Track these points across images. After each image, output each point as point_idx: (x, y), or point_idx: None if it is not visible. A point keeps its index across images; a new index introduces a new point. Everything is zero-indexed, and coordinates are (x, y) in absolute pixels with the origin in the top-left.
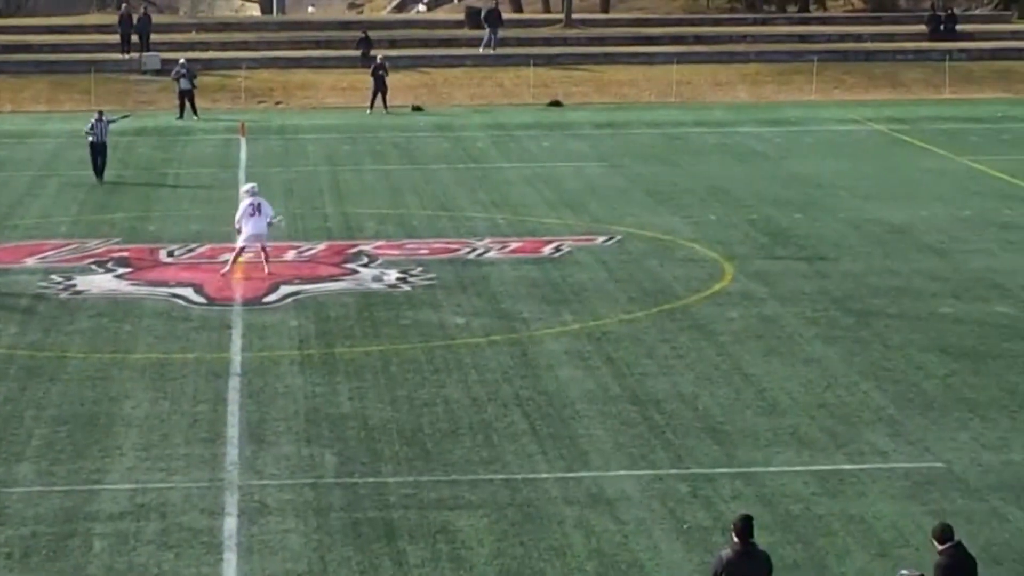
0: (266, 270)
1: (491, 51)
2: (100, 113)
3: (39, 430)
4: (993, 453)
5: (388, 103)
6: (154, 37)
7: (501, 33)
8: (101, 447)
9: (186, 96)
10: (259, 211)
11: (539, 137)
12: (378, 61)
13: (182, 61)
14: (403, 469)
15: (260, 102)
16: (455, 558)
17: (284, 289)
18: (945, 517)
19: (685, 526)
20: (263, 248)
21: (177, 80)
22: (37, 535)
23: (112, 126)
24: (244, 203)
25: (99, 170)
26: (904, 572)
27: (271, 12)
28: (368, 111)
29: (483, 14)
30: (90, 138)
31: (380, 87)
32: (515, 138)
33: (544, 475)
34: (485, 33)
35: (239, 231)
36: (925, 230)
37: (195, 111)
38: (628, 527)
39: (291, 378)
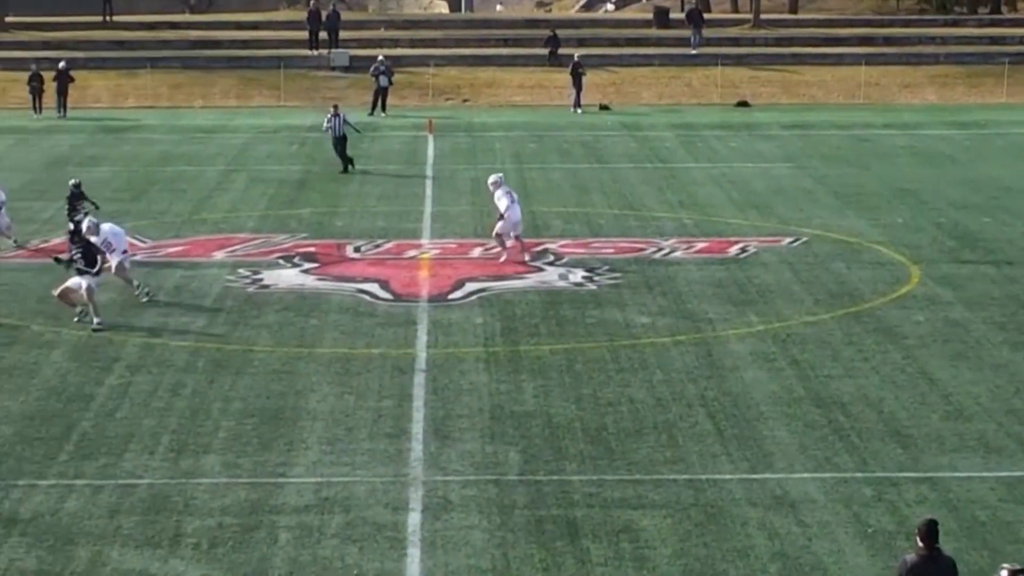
0: (503, 258)
1: (697, 50)
2: (335, 107)
3: (226, 423)
4: None
5: (579, 102)
6: (343, 34)
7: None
8: (287, 440)
9: (381, 93)
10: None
11: (726, 137)
12: (576, 59)
13: (380, 58)
14: (587, 467)
15: (447, 99)
16: (638, 557)
17: (469, 286)
18: None
19: (869, 530)
20: (518, 237)
21: (376, 77)
22: (223, 526)
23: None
24: (501, 191)
25: (345, 161)
26: (1006, 566)
27: (459, 10)
28: (576, 110)
29: (686, 14)
30: (328, 132)
31: (578, 85)
32: (702, 138)
33: (728, 476)
34: (690, 32)
35: (503, 218)
36: None
37: (384, 108)
38: (812, 530)
39: (476, 375)
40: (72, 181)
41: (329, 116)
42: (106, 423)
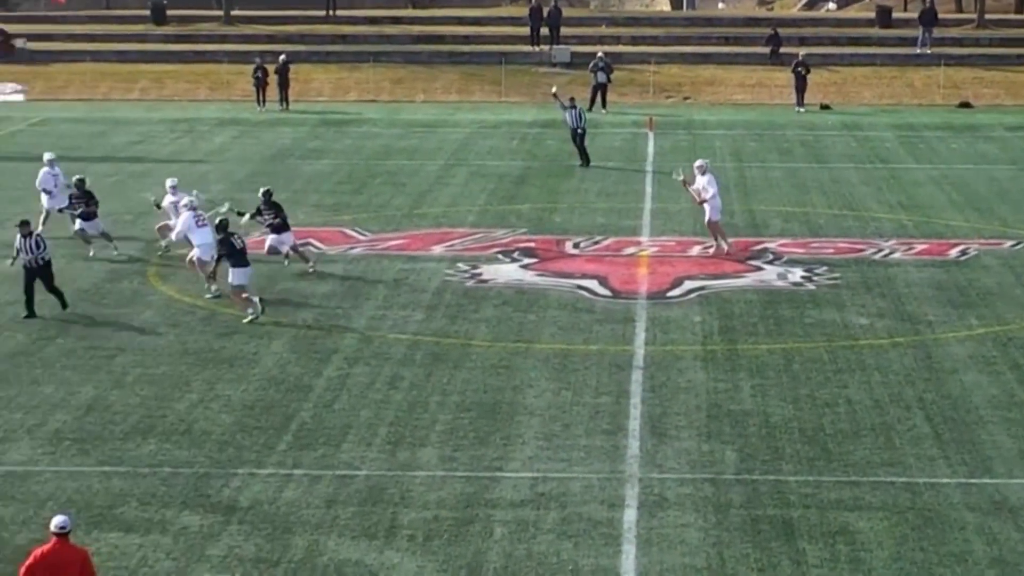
0: (724, 248)
1: (927, 51)
2: (572, 99)
3: (443, 416)
4: None
5: (802, 101)
6: (563, 30)
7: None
8: (503, 435)
9: (600, 89)
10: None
11: (947, 139)
12: (799, 58)
13: (600, 55)
14: (803, 468)
15: (668, 97)
16: (854, 560)
17: (688, 284)
18: None
19: None
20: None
21: (594, 73)
22: (439, 519)
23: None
24: (708, 177)
25: (583, 155)
26: None
27: (681, 7)
28: (799, 109)
29: (919, 14)
30: (571, 126)
31: (800, 84)
32: (923, 139)
33: (945, 480)
34: (919, 32)
35: (704, 202)
36: None
37: (604, 104)
38: None
39: (693, 373)
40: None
41: (562, 108)
42: (324, 414)
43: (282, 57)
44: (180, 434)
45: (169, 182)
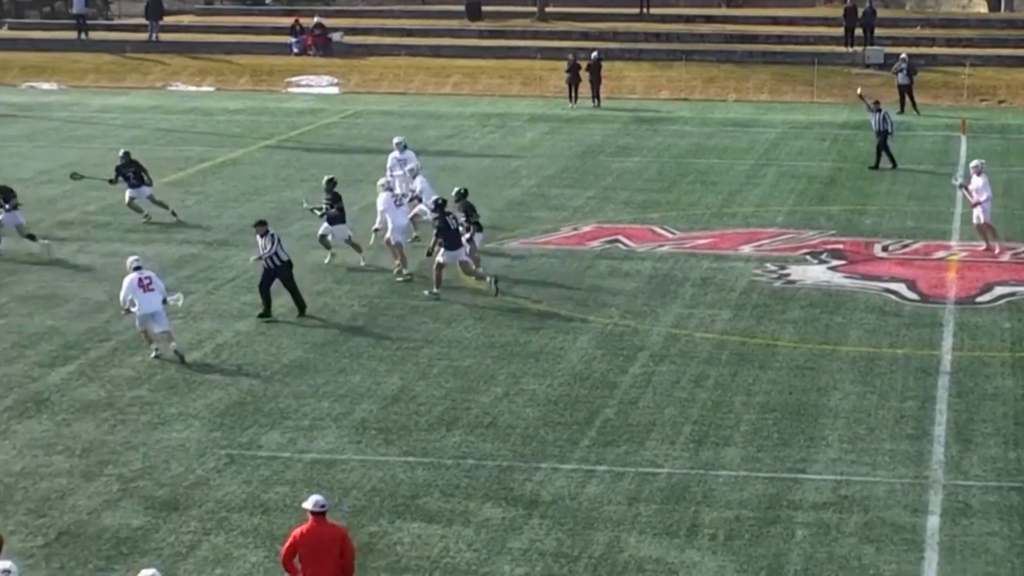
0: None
1: None
2: (876, 103)
3: (747, 416)
4: None
5: None
6: (877, 31)
7: None
8: (807, 436)
9: (904, 91)
10: None
11: None
12: None
13: (903, 56)
14: None
15: (982, 100)
16: None
17: (998, 290)
18: None
19: None
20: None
21: (896, 74)
22: (740, 519)
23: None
24: (985, 178)
25: (890, 157)
26: None
27: (998, 9)
28: None
29: None
30: (874, 128)
31: None
32: None
33: None
34: None
35: (978, 204)
36: None
37: (915, 106)
38: None
39: (1001, 380)
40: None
41: (867, 109)
42: (629, 411)
43: (594, 54)
44: (484, 427)
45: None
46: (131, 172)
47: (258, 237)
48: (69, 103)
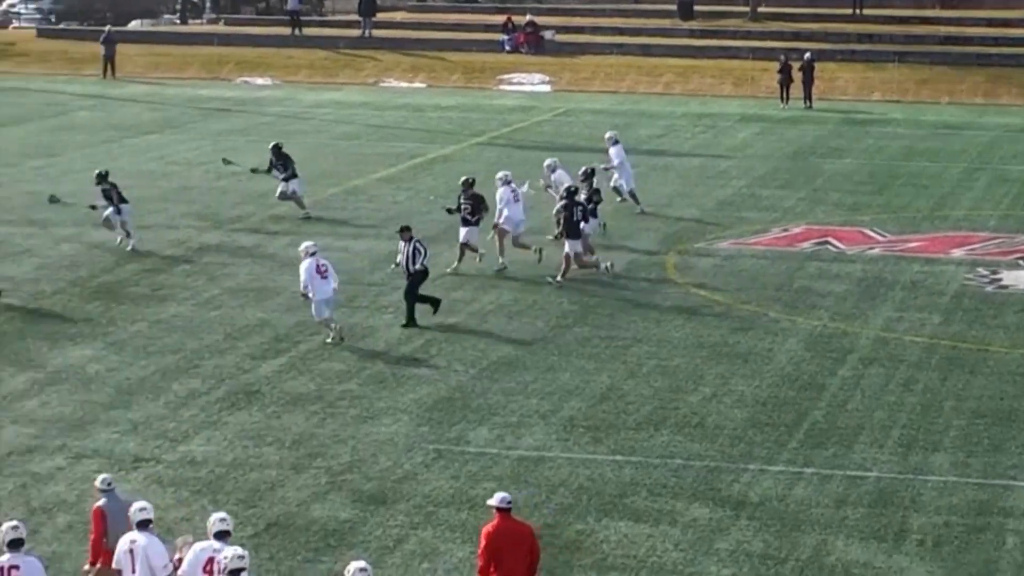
0: None
1: None
2: None
3: (957, 421)
4: None
5: None
6: None
7: None
8: (1019, 443)
9: None
10: None
11: None
12: None
13: None
14: None
15: None
16: None
17: None
18: None
19: None
20: None
21: None
22: (949, 525)
23: None
24: None
25: None
26: None
27: None
28: None
29: None
30: None
31: None
32: None
33: None
34: None
35: None
36: None
37: None
38: None
39: None
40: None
41: None
42: (837, 414)
43: (807, 55)
44: (692, 427)
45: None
46: (280, 164)
47: (401, 243)
48: (282, 98)
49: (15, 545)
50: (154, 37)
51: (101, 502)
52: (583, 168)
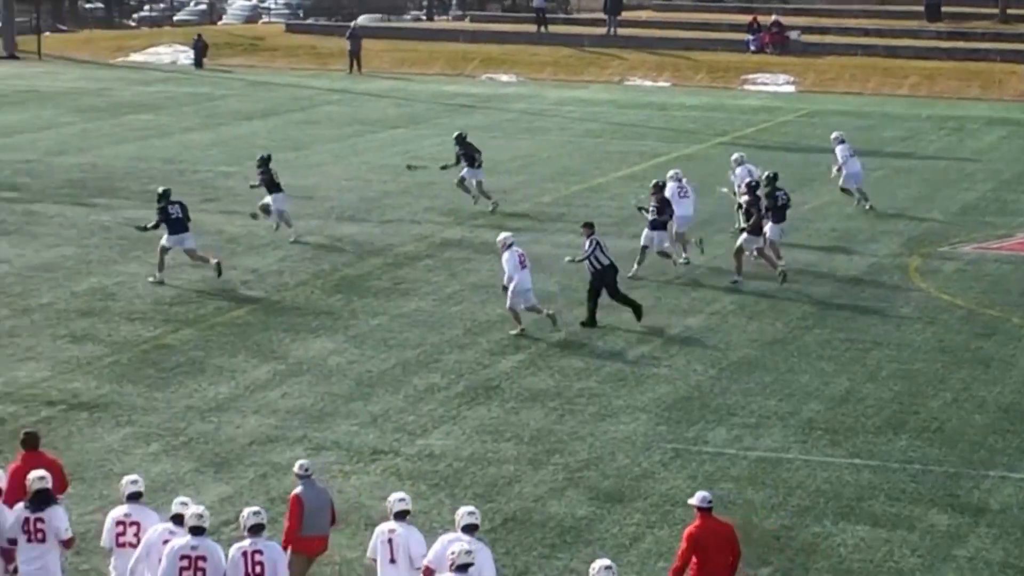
0: None
1: None
2: None
3: None
4: None
5: None
6: None
7: None
8: None
9: None
10: None
11: None
12: None
13: None
14: None
15: None
16: None
17: None
18: None
19: None
20: None
21: None
22: None
23: None
24: None
25: None
26: None
27: None
28: None
29: None
30: None
31: None
32: None
33: None
34: None
35: None
36: None
37: None
38: None
39: None
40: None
41: None
42: None
43: None
44: (932, 432)
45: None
46: (464, 154)
47: (584, 239)
48: (526, 95)
49: (256, 530)
50: (400, 33)
51: (298, 489)
52: (765, 173)
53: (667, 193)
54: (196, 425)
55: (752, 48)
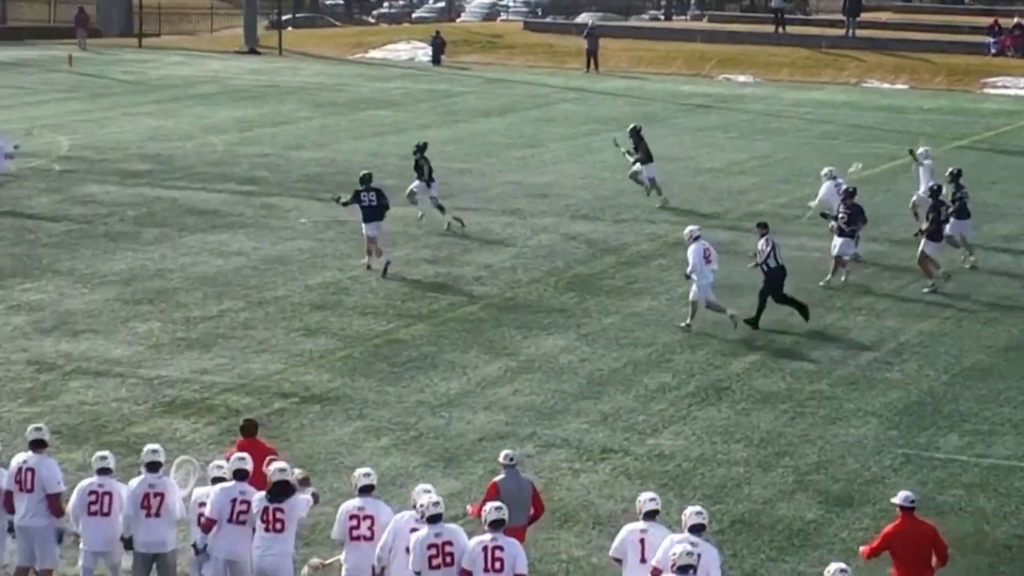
0: None
1: None
2: None
3: None
4: None
5: None
6: None
7: None
8: None
9: None
10: None
11: None
12: None
13: None
14: None
15: None
16: None
17: None
18: None
19: None
20: None
21: None
22: None
23: None
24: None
25: None
26: None
27: None
28: None
29: None
30: None
31: None
32: None
33: None
34: None
35: None
36: None
37: None
38: None
39: None
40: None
41: None
42: None
43: None
44: None
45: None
46: (636, 147)
47: (759, 240)
48: (763, 96)
49: (497, 526)
50: (637, 32)
51: (499, 477)
52: (950, 169)
53: (822, 191)
54: (427, 420)
55: (993, 51)
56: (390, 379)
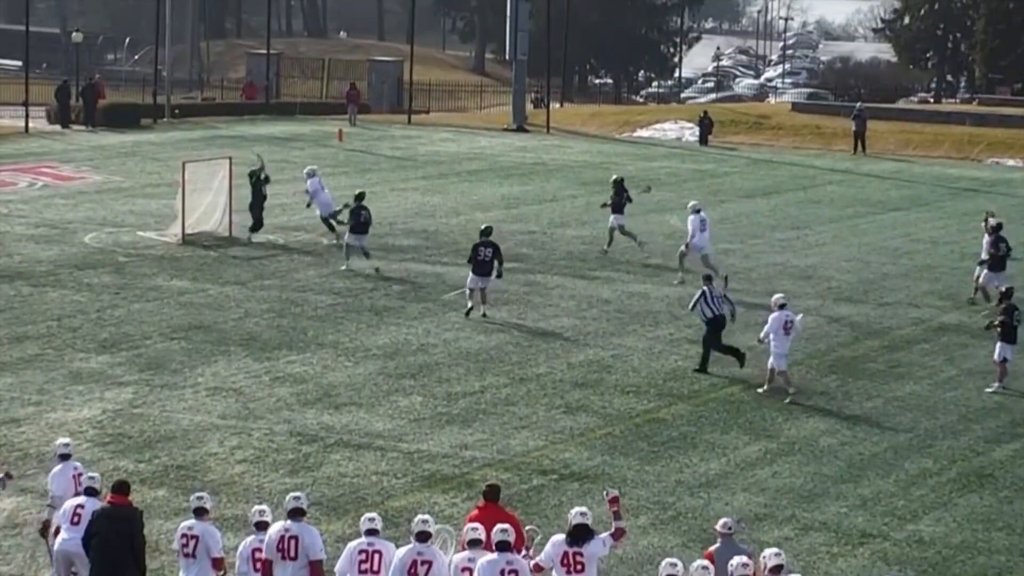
0: None
1: None
2: None
3: None
4: None
5: None
6: None
7: None
8: None
9: None
10: None
11: None
12: None
13: None
14: None
15: None
16: None
17: None
18: None
19: None
20: None
21: None
22: None
23: None
24: None
25: None
26: None
27: None
28: None
29: None
30: None
31: None
32: None
33: None
34: None
35: None
36: None
37: None
38: None
39: None
40: None
41: None
42: None
43: None
44: None
45: None
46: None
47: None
48: None
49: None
50: (906, 115)
51: (715, 546)
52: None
53: (688, 226)
54: (685, 500)
55: None
56: (650, 458)
